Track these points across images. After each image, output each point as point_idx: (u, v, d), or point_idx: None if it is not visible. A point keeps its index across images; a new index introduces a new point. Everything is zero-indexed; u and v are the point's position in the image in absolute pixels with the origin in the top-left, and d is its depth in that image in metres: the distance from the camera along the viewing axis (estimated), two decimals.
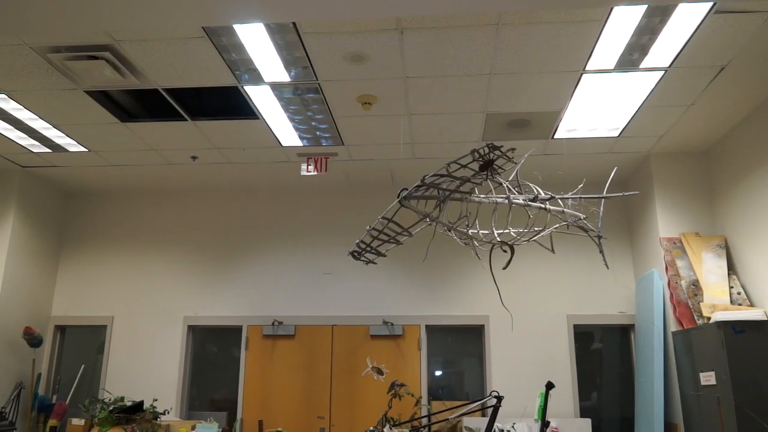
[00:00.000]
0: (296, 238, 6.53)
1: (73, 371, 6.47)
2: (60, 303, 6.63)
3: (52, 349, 6.53)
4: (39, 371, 6.25)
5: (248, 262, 6.51)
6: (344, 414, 6.00)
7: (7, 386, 5.86)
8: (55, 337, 6.57)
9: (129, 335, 6.46)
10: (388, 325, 6.13)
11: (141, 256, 6.66)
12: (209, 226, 6.67)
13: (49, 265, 6.59)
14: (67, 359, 6.63)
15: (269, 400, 6.12)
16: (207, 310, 6.43)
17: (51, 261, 6.62)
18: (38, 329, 6.15)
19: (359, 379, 6.01)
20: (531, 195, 3.12)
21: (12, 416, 5.72)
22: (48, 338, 6.47)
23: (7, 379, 5.88)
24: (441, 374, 6.29)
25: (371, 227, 3.14)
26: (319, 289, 6.35)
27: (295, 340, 6.26)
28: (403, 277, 6.28)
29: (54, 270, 6.67)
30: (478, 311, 6.13)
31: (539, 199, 3.09)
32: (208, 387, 6.51)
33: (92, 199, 6.90)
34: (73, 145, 5.48)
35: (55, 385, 6.46)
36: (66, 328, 6.68)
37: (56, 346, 6.58)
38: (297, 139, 5.28)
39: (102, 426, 5.35)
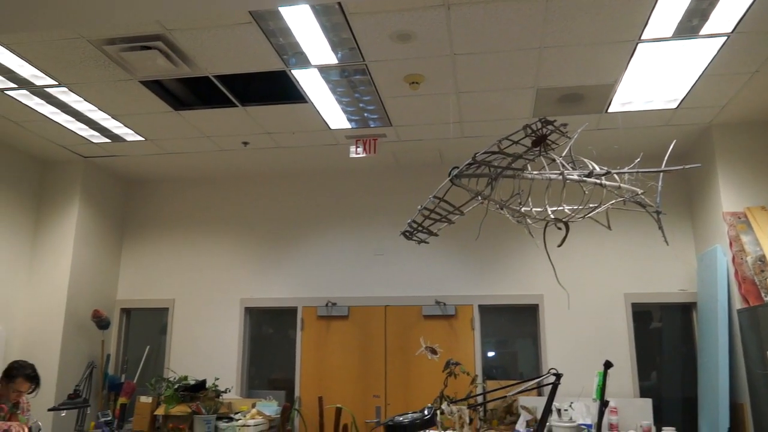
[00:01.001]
0: (348, 220, 6.58)
1: (139, 352, 6.76)
2: (124, 287, 6.92)
3: (119, 331, 6.84)
4: (108, 352, 6.56)
5: (301, 245, 6.62)
6: (399, 393, 6.07)
7: (80, 366, 6.18)
8: (121, 320, 6.88)
9: (189, 317, 6.69)
10: (440, 305, 6.13)
11: (199, 240, 6.87)
12: (263, 210, 6.81)
13: (113, 251, 6.88)
14: (133, 340, 6.94)
15: (325, 380, 6.24)
16: (263, 292, 6.58)
17: (115, 247, 6.91)
18: (106, 312, 6.44)
19: (413, 359, 6.05)
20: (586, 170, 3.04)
21: (86, 394, 6.02)
22: (115, 321, 6.78)
23: (79, 359, 6.20)
24: (494, 354, 6.27)
25: (423, 207, 3.13)
26: (371, 270, 6.40)
27: (349, 320, 6.34)
28: (456, 256, 6.26)
29: (118, 256, 6.96)
30: (532, 290, 6.05)
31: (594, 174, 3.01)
32: (265, 367, 6.69)
33: (151, 186, 7.14)
34: (131, 134, 5.66)
35: (123, 365, 6.77)
36: (131, 310, 6.97)
37: (123, 328, 6.89)
38: (345, 121, 5.30)
39: (168, 403, 5.59)
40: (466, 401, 2.78)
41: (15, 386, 4.15)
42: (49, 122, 5.35)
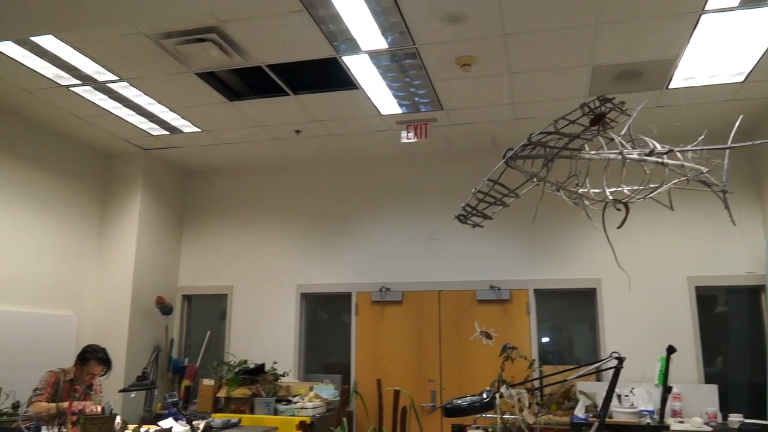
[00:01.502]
0: (400, 205, 6.59)
1: (200, 336, 7.00)
2: (185, 274, 7.16)
3: (181, 317, 7.10)
4: (171, 337, 6.82)
5: (355, 231, 6.67)
6: (454, 377, 6.07)
7: (146, 350, 6.45)
8: (183, 306, 7.12)
9: (247, 303, 6.87)
10: (495, 289, 6.08)
11: (255, 228, 7.03)
12: (317, 197, 6.89)
13: (174, 240, 7.12)
14: (195, 325, 7.18)
15: (380, 364, 6.30)
16: (318, 278, 6.69)
17: (175, 236, 7.14)
18: (168, 299, 6.68)
19: (467, 344, 6.03)
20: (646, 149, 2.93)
21: (152, 376, 6.29)
22: (177, 307, 7.03)
23: (145, 344, 6.47)
24: (550, 339, 6.18)
25: (476, 190, 3.10)
26: (424, 255, 6.40)
27: (403, 305, 6.37)
28: (510, 240, 6.18)
29: (178, 244, 7.20)
30: (589, 274, 5.92)
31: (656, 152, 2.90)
32: (321, 351, 6.81)
33: (208, 176, 7.33)
34: (188, 126, 5.81)
35: (186, 349, 7.02)
36: (192, 297, 7.21)
37: (184, 314, 7.14)
38: (396, 106, 5.29)
39: (229, 386, 5.77)
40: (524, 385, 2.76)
41: (89, 369, 4.37)
42: (111, 116, 5.56)
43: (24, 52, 4.35)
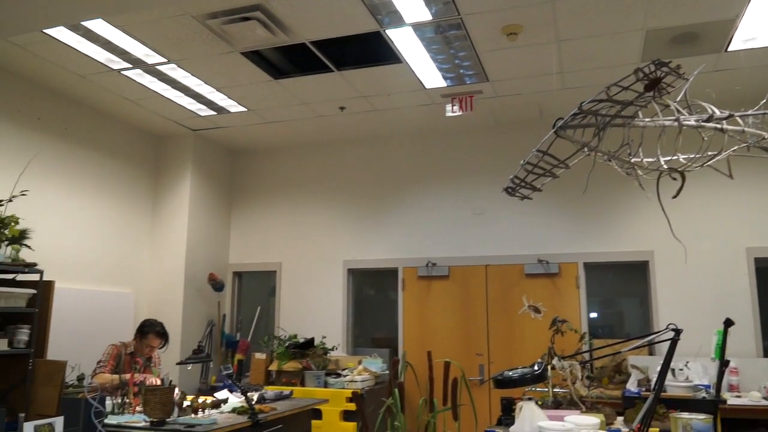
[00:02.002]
0: (446, 180, 6.55)
1: (251, 312, 7.18)
2: (235, 252, 7.33)
3: (233, 293, 7.28)
4: (224, 312, 7.01)
5: (401, 207, 6.68)
6: (502, 351, 6.05)
7: (200, 325, 6.67)
8: (234, 282, 7.31)
9: (296, 279, 6.99)
10: (543, 263, 6.00)
11: (302, 205, 7.11)
12: (362, 173, 6.91)
13: (223, 218, 7.28)
14: (246, 301, 7.37)
15: (428, 339, 6.33)
16: (364, 254, 6.74)
17: (224, 214, 7.31)
18: (220, 275, 6.86)
19: (515, 318, 5.99)
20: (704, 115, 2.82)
21: (207, 350, 6.50)
22: (228, 283, 7.21)
23: (200, 319, 6.68)
24: (600, 314, 6.08)
25: (525, 161, 3.05)
26: (471, 229, 6.36)
27: (450, 280, 6.37)
28: (559, 213, 6.08)
29: (227, 222, 7.36)
30: (641, 246, 5.77)
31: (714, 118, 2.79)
32: (368, 326, 6.89)
33: (255, 155, 7.44)
34: (234, 106, 5.89)
35: (238, 324, 7.22)
36: (242, 274, 7.38)
37: (235, 290, 7.33)
38: (440, 79, 5.22)
39: (281, 359, 5.92)
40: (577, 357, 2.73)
41: (147, 342, 4.55)
42: (160, 98, 5.68)
43: (77, 38, 4.48)
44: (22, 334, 4.40)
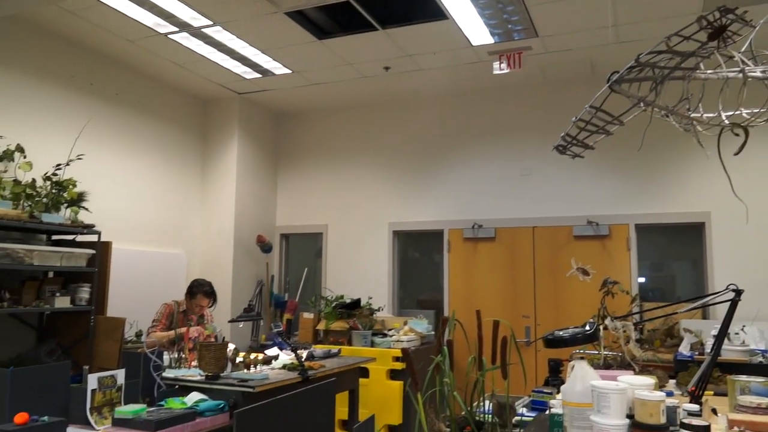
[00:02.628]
0: (493, 140, 6.43)
1: (298, 273, 7.30)
2: (282, 214, 7.43)
3: (280, 255, 7.42)
4: (272, 273, 7.16)
5: (446, 168, 6.61)
6: (548, 313, 6.01)
7: (249, 285, 6.84)
8: (281, 244, 7.43)
9: (341, 241, 7.06)
10: (593, 225, 5.88)
11: (348, 167, 7.12)
12: (407, 134, 6.85)
13: (270, 181, 7.37)
14: (293, 263, 7.50)
15: (473, 300, 6.33)
16: (409, 216, 6.73)
17: (271, 177, 7.39)
18: (267, 237, 6.98)
19: (563, 280, 5.91)
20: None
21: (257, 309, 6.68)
22: (276, 245, 7.34)
23: (249, 279, 6.85)
24: (651, 277, 5.94)
25: (577, 118, 2.95)
26: (518, 190, 6.26)
27: (496, 242, 6.31)
28: (609, 172, 5.90)
29: (274, 185, 7.45)
30: (697, 207, 5.57)
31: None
32: (413, 288, 6.92)
33: (300, 117, 7.46)
34: (279, 68, 5.89)
35: (286, 285, 7.36)
36: (289, 236, 7.50)
37: (283, 252, 7.46)
38: (488, 35, 5.07)
39: (328, 319, 6.03)
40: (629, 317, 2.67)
41: (197, 301, 4.70)
42: (207, 62, 5.72)
43: (125, 2, 4.52)
44: (83, 292, 4.60)
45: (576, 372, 1.87)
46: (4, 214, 4.07)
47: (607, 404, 1.70)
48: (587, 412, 1.78)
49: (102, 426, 2.68)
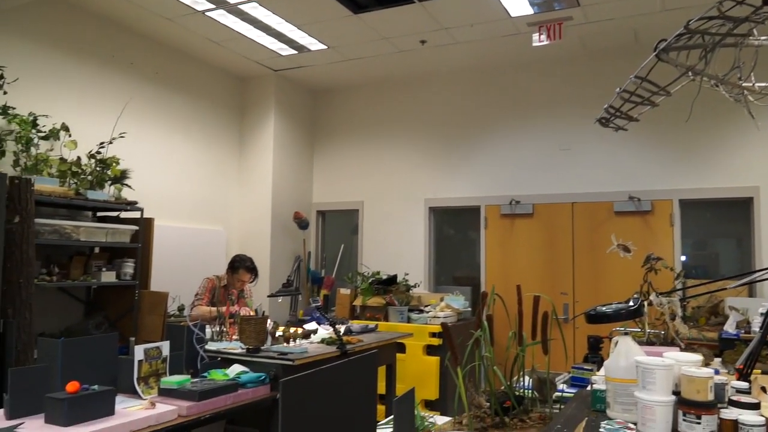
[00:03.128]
0: (530, 114, 6.31)
1: (334, 249, 7.36)
2: (318, 191, 7.47)
3: (317, 231, 7.48)
4: (308, 250, 7.23)
5: (483, 143, 6.53)
6: (587, 290, 5.92)
7: (287, 261, 6.93)
8: (317, 221, 7.49)
9: (377, 217, 7.07)
10: (634, 200, 5.74)
11: (383, 143, 7.10)
12: (444, 109, 6.78)
13: (306, 158, 7.41)
14: (329, 239, 7.55)
15: (510, 277, 6.28)
16: (446, 192, 6.68)
17: (307, 154, 7.43)
18: (304, 214, 7.04)
19: (603, 257, 5.81)
20: None
21: (295, 284, 6.77)
22: (312, 222, 7.40)
23: (286, 255, 6.93)
24: (695, 254, 5.79)
25: (622, 89, 2.86)
26: (556, 165, 6.14)
27: (534, 218, 6.23)
28: (653, 146, 5.74)
29: (310, 162, 7.49)
30: (744, 182, 5.38)
31: None
32: (449, 265, 6.91)
33: (336, 94, 7.44)
34: (315, 43, 5.87)
35: (322, 261, 7.43)
36: (325, 212, 7.55)
37: (319, 228, 7.52)
38: (526, 6, 4.95)
39: (365, 295, 6.07)
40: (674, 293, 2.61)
41: (238, 276, 4.77)
42: (243, 39, 5.74)
43: None
44: (127, 267, 4.74)
45: (620, 347, 1.84)
46: (51, 192, 4.19)
47: (653, 380, 1.66)
48: (631, 388, 1.75)
49: (149, 395, 2.76)
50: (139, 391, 2.77)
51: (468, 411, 2.08)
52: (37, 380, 2.40)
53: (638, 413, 1.69)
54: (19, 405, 2.33)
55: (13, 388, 2.32)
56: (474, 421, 2.08)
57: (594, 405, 1.96)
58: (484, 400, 2.14)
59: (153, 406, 2.58)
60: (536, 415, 2.18)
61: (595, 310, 2.16)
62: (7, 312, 3.62)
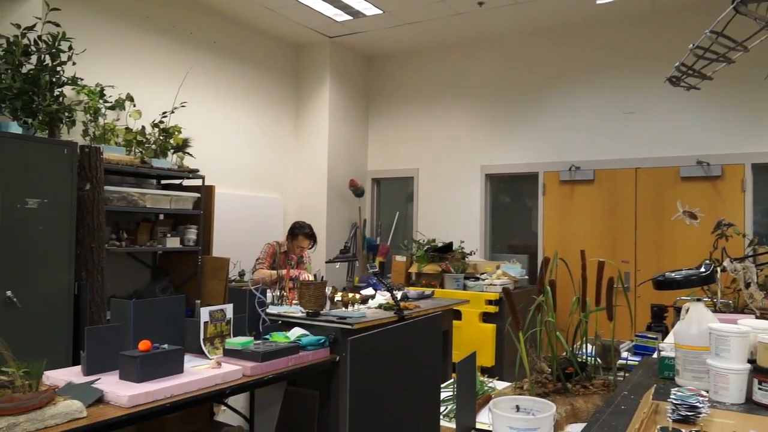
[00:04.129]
0: (592, 77, 6.08)
1: (389, 217, 7.38)
2: (373, 158, 7.47)
3: (372, 199, 7.51)
4: (364, 217, 7.27)
5: (542, 107, 6.34)
6: (650, 258, 5.74)
7: (343, 228, 7.00)
8: (373, 188, 7.51)
9: (433, 185, 7.02)
10: (703, 165, 5.48)
11: (439, 109, 7.01)
12: (501, 73, 6.61)
13: (361, 126, 7.40)
14: (384, 207, 7.57)
15: (569, 245, 6.14)
16: (503, 159, 6.56)
17: (362, 121, 7.41)
18: (360, 182, 7.06)
19: (667, 224, 5.60)
20: None
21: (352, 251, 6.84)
22: (367, 189, 7.42)
23: (342, 222, 7.00)
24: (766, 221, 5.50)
25: (695, 45, 2.70)
26: (619, 130, 5.92)
27: (595, 184, 6.05)
28: (725, 107, 5.43)
29: (365, 129, 7.48)
30: None
31: None
32: (505, 233, 6.81)
33: (391, 60, 7.36)
34: (369, 8, 5.79)
35: (377, 228, 7.47)
36: (380, 180, 7.55)
37: (374, 196, 7.54)
38: None
39: (420, 262, 6.08)
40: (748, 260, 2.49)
41: (298, 243, 4.86)
42: (299, 5, 5.72)
43: None
44: (190, 233, 4.89)
45: (691, 314, 1.77)
46: (119, 160, 4.34)
47: (727, 348, 1.60)
48: (703, 356, 1.69)
49: (214, 355, 2.86)
50: (206, 351, 2.87)
51: (529, 376, 2.06)
52: (111, 339, 2.52)
53: (711, 381, 1.63)
54: (96, 362, 2.45)
55: (89, 346, 2.45)
56: (535, 386, 2.06)
57: (662, 372, 1.91)
58: (546, 365, 2.11)
59: (219, 365, 2.67)
60: (599, 381, 2.15)
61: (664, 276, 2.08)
62: (81, 275, 3.81)
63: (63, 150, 3.67)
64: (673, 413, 1.45)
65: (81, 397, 2.11)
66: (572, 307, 2.13)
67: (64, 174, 3.67)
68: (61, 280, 3.66)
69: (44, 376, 2.17)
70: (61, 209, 3.65)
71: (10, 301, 3.39)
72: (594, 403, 1.97)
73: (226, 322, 3.03)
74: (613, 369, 2.15)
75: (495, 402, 1.69)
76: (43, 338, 3.53)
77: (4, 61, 3.59)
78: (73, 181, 3.72)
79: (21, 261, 3.46)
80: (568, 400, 1.98)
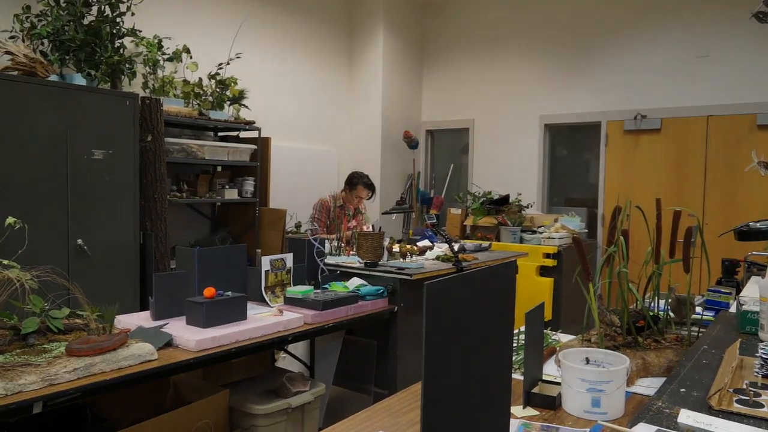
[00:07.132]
0: (660, 18, 5.71)
1: (444, 169, 7.27)
2: (428, 109, 7.32)
3: (426, 151, 7.40)
4: (418, 170, 7.19)
5: (606, 52, 6.03)
6: (719, 212, 5.47)
7: (396, 180, 6.95)
8: (427, 140, 7.39)
9: (489, 136, 6.85)
10: None
11: (495, 57, 6.76)
12: (562, 17, 6.29)
13: (415, 76, 7.24)
14: (439, 159, 7.46)
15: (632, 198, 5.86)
16: (563, 108, 6.31)
17: (416, 72, 7.25)
18: (414, 133, 6.95)
19: (740, 175, 5.31)
20: None
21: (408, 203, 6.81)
22: (421, 141, 7.31)
23: (396, 174, 6.95)
24: None
25: None
26: (690, 75, 5.57)
27: (661, 134, 5.76)
28: None
29: (419, 80, 7.31)
30: None
31: None
32: (563, 186, 6.62)
33: (446, 7, 7.12)
34: None
35: (432, 181, 7.39)
36: (434, 132, 7.42)
37: (428, 148, 7.43)
38: None
39: (476, 215, 5.99)
40: None
41: (356, 193, 4.83)
42: None
43: None
44: (248, 185, 4.94)
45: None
46: (177, 112, 4.39)
47: None
48: None
49: (276, 304, 2.90)
50: (267, 299, 2.92)
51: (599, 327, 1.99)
52: (177, 285, 2.59)
53: None
54: (163, 307, 2.52)
55: (157, 292, 2.52)
56: (604, 339, 2.00)
57: (743, 327, 1.81)
58: (616, 318, 2.04)
59: (281, 313, 2.71)
60: (672, 336, 2.06)
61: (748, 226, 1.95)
62: (145, 225, 3.91)
63: (125, 101, 3.73)
64: (761, 368, 1.37)
65: (152, 340, 2.17)
66: (647, 257, 2.03)
67: (127, 125, 3.73)
68: (127, 229, 3.77)
69: (116, 320, 2.24)
70: (125, 160, 3.73)
71: (81, 249, 3.52)
72: (667, 358, 1.89)
73: (286, 271, 3.06)
74: (687, 323, 2.06)
75: (564, 353, 1.63)
76: (112, 284, 3.67)
77: (66, 13, 3.63)
78: (135, 133, 3.79)
79: (89, 211, 3.58)
80: (639, 354, 1.91)
